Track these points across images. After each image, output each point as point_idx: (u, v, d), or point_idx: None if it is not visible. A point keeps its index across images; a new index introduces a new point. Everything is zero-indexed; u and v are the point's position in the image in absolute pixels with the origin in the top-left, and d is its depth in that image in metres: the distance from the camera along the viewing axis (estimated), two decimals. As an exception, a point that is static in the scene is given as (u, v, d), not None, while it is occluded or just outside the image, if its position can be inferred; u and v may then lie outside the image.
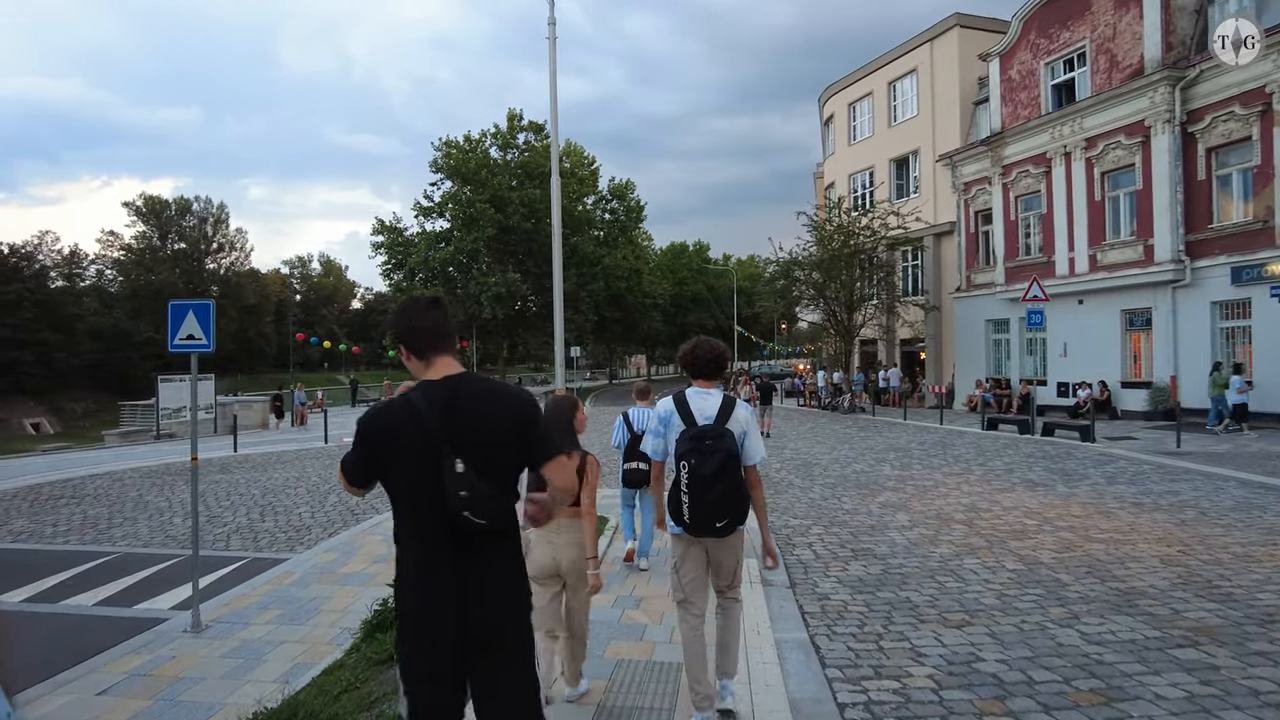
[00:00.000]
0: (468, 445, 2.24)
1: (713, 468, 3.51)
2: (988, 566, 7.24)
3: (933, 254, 29.96)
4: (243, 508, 12.00)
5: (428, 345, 2.41)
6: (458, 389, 2.33)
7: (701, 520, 3.57)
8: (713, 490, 3.51)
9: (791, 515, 10.06)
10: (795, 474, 13.73)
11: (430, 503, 2.24)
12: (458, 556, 2.28)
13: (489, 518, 2.23)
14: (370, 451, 2.36)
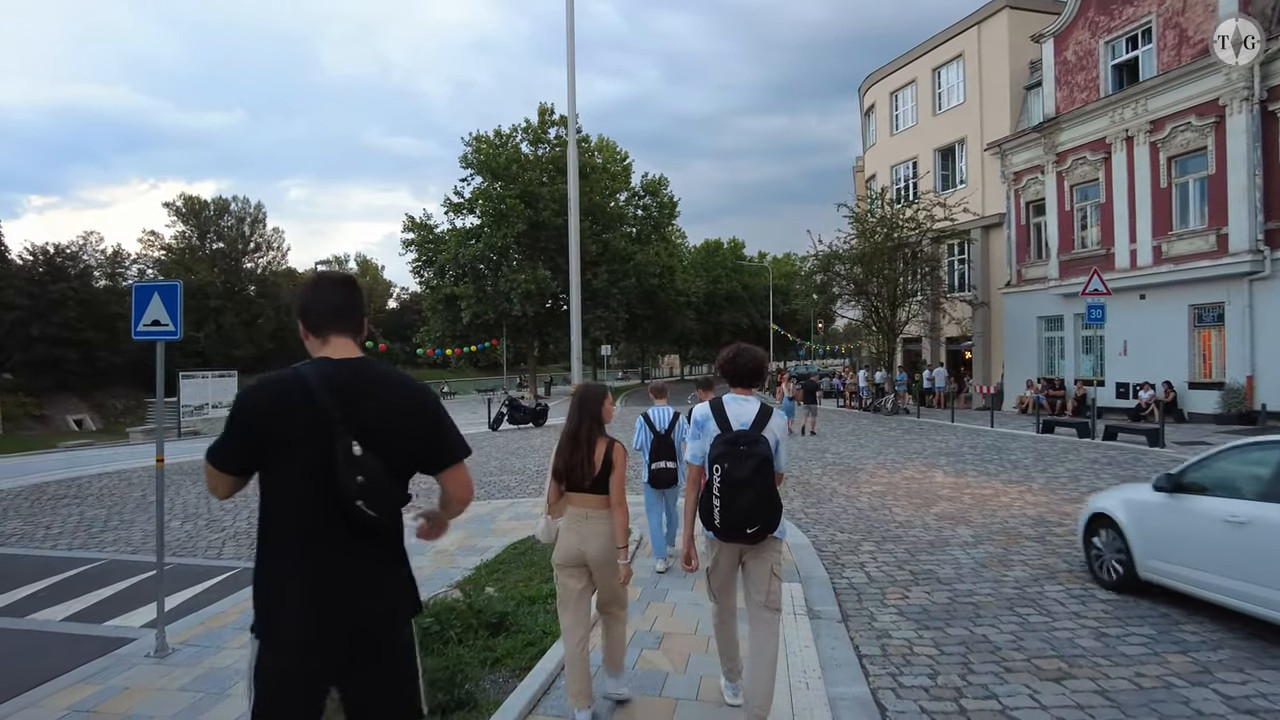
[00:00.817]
0: (367, 430, 2.07)
1: (747, 472, 3.48)
2: (1075, 596, 6.14)
3: (980, 247, 28.49)
4: (244, 511, 11.29)
5: (327, 322, 2.23)
6: (359, 371, 2.15)
7: (733, 525, 3.52)
8: (744, 495, 3.47)
9: (838, 528, 9.00)
10: (839, 480, 12.64)
11: (318, 491, 2.03)
12: (343, 554, 2.09)
13: (383, 511, 2.07)
14: (250, 432, 2.10)
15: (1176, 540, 5.65)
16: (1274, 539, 4.81)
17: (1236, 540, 5.06)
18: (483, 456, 16.89)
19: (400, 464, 2.15)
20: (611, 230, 44.88)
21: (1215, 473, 5.64)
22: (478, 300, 40.15)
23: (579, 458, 3.84)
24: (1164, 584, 5.76)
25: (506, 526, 9.42)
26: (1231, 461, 5.62)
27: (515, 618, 5.35)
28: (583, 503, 3.85)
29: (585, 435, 3.89)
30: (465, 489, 2.30)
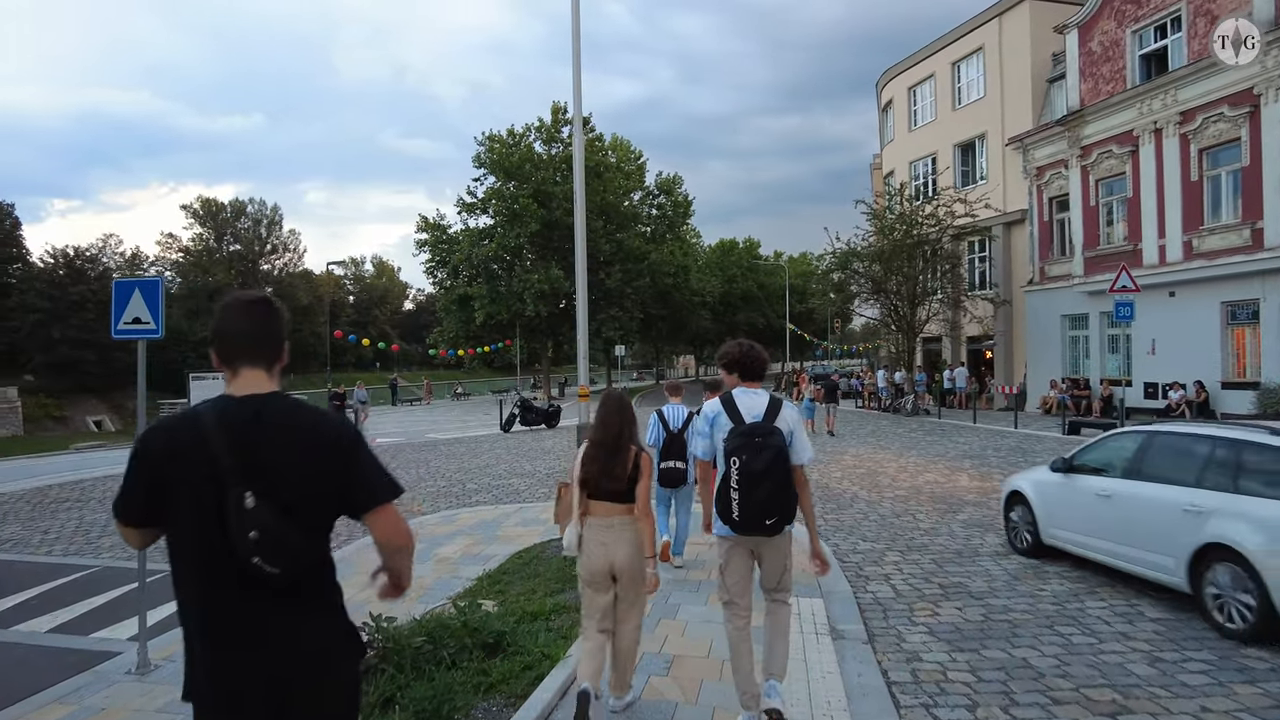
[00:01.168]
0: (265, 476, 1.88)
1: (763, 463, 3.47)
2: (1120, 614, 5.68)
3: (1002, 244, 27.85)
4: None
5: (238, 352, 2.02)
6: (261, 410, 1.95)
7: (751, 517, 3.51)
8: (762, 486, 3.47)
9: (860, 536, 8.56)
10: (860, 485, 12.18)
11: (214, 549, 1.87)
12: (251, 620, 1.91)
13: (286, 565, 1.87)
14: (143, 479, 1.94)
15: (1067, 511, 6.94)
16: (1130, 508, 6.14)
17: (1105, 510, 6.41)
18: (492, 459, 16.56)
19: (311, 512, 1.93)
20: (625, 230, 44.48)
21: (1094, 456, 6.93)
22: (491, 300, 39.89)
23: (613, 466, 3.75)
24: (1061, 548, 7.06)
25: (513, 533, 9.05)
26: (1106, 447, 6.91)
27: (514, 637, 4.97)
28: (608, 512, 3.76)
29: (623, 443, 3.82)
30: (396, 534, 2.02)
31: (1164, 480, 5.94)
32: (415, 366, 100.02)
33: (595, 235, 41.33)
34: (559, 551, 7.70)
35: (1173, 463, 6.00)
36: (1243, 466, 5.42)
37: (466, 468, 15.25)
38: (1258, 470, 5.30)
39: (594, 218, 41.08)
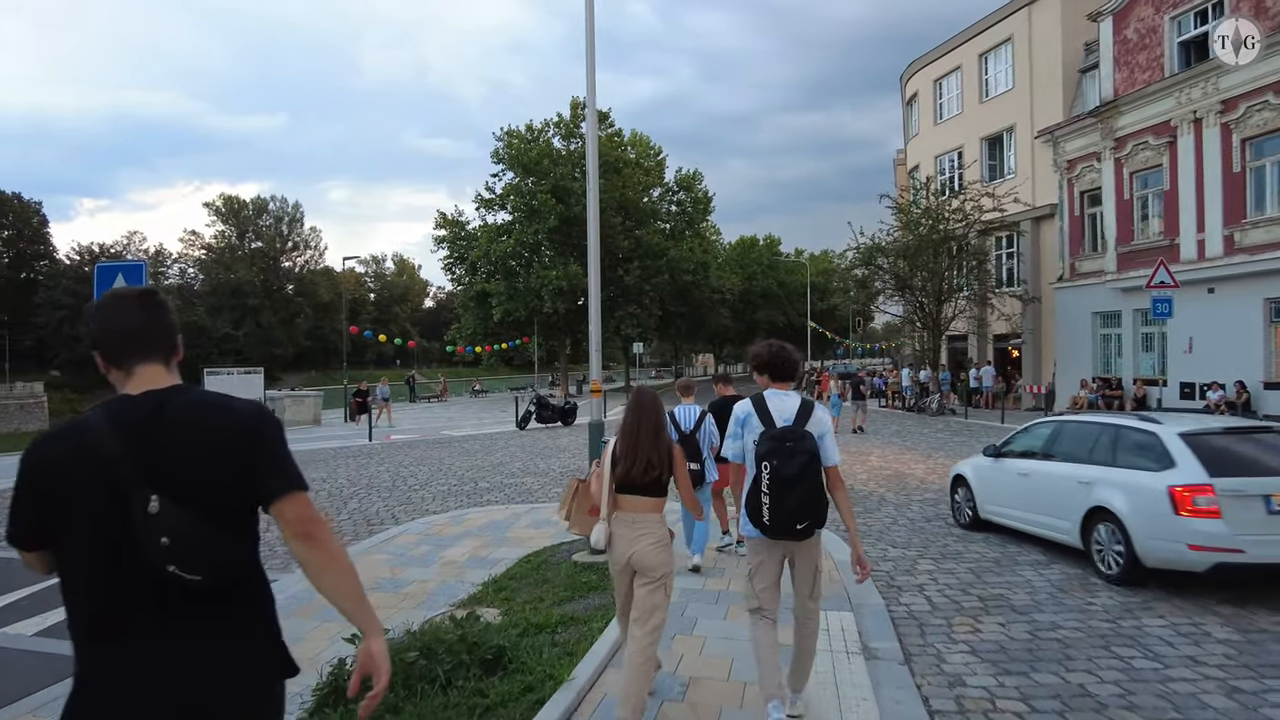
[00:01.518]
0: (170, 476, 1.70)
1: (795, 468, 3.46)
2: (1183, 633, 5.16)
3: (1030, 240, 27.10)
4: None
5: (126, 350, 1.83)
6: (162, 404, 1.77)
7: (782, 522, 3.51)
8: (794, 492, 3.46)
9: (889, 543, 8.07)
10: (887, 487, 11.67)
11: (118, 562, 1.67)
12: (166, 646, 1.70)
13: (207, 571, 1.69)
14: (31, 497, 1.75)
15: (997, 490, 8.20)
16: (1041, 483, 7.46)
17: (1024, 486, 7.72)
18: (506, 456, 16.20)
19: (225, 509, 1.76)
20: (644, 226, 44.01)
21: (1017, 443, 8.25)
22: (509, 297, 39.60)
23: (649, 458, 3.70)
24: (995, 521, 8.23)
25: (523, 535, 8.65)
26: (1027, 435, 8.28)
27: (515, 653, 4.55)
28: (635, 506, 3.73)
29: (659, 435, 3.80)
30: (310, 521, 1.82)
31: (1066, 459, 7.27)
32: (435, 364, 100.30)
33: (613, 232, 40.91)
34: (569, 555, 7.29)
35: (1073, 445, 7.33)
36: (1119, 446, 6.73)
37: (479, 465, 14.90)
38: (1128, 448, 6.61)
39: (612, 214, 40.65)
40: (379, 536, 9.01)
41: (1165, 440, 6.24)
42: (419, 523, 9.63)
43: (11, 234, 79.69)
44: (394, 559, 7.94)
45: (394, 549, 8.36)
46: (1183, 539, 5.74)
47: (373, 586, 7.01)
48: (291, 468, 1.85)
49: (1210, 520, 5.64)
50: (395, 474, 13.93)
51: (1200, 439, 6.18)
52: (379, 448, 18.34)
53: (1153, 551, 6.00)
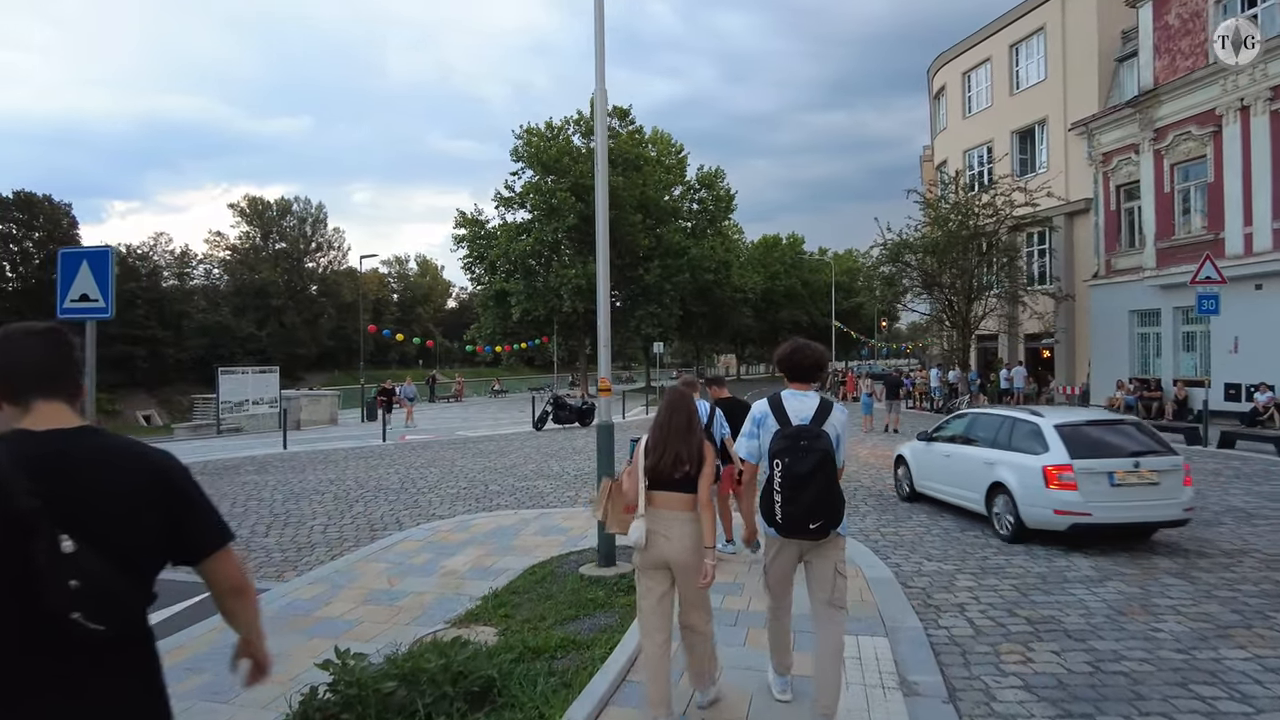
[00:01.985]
0: (85, 517, 1.63)
1: (808, 467, 3.43)
2: (1270, 668, 4.52)
3: (1064, 236, 26.20)
4: (254, 517, 10.30)
5: (28, 385, 1.78)
6: (69, 446, 1.72)
7: (795, 520, 3.46)
8: (807, 490, 3.43)
9: (924, 555, 7.46)
10: (916, 492, 11.02)
11: (17, 607, 1.54)
12: (60, 688, 1.61)
13: (113, 621, 1.61)
14: None
15: (929, 468, 9.82)
16: (959, 462, 9.04)
17: (946, 464, 9.35)
18: (520, 458, 15.72)
19: (137, 559, 1.71)
20: (665, 224, 43.46)
21: (944, 430, 9.81)
22: (528, 296, 39.23)
23: (684, 453, 3.63)
24: (927, 493, 9.88)
25: (531, 543, 8.15)
26: (950, 424, 9.87)
27: (506, 684, 4.04)
28: (668, 503, 3.65)
29: (694, 430, 3.71)
30: (238, 577, 1.87)
31: (977, 443, 8.80)
32: (458, 364, 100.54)
33: (634, 230, 40.41)
34: (576, 567, 6.78)
35: (983, 432, 8.83)
36: (1014, 434, 8.23)
37: (492, 467, 14.44)
38: (1020, 436, 8.12)
39: (631, 212, 40.15)
40: (381, 543, 8.56)
41: (1044, 430, 7.80)
42: (423, 528, 9.17)
43: (42, 235, 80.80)
44: (393, 567, 7.47)
45: (394, 556, 7.90)
46: (1051, 506, 7.36)
47: (367, 599, 6.55)
48: (218, 519, 1.86)
49: (1069, 491, 7.27)
50: (405, 476, 13.51)
51: (1069, 429, 7.75)
52: (392, 449, 17.96)
53: (1032, 516, 7.59)
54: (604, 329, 6.22)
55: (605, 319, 6.22)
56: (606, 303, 6.21)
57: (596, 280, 6.29)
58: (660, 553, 3.62)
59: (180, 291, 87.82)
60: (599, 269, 6.44)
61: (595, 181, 6.49)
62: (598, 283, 6.44)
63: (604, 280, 6.23)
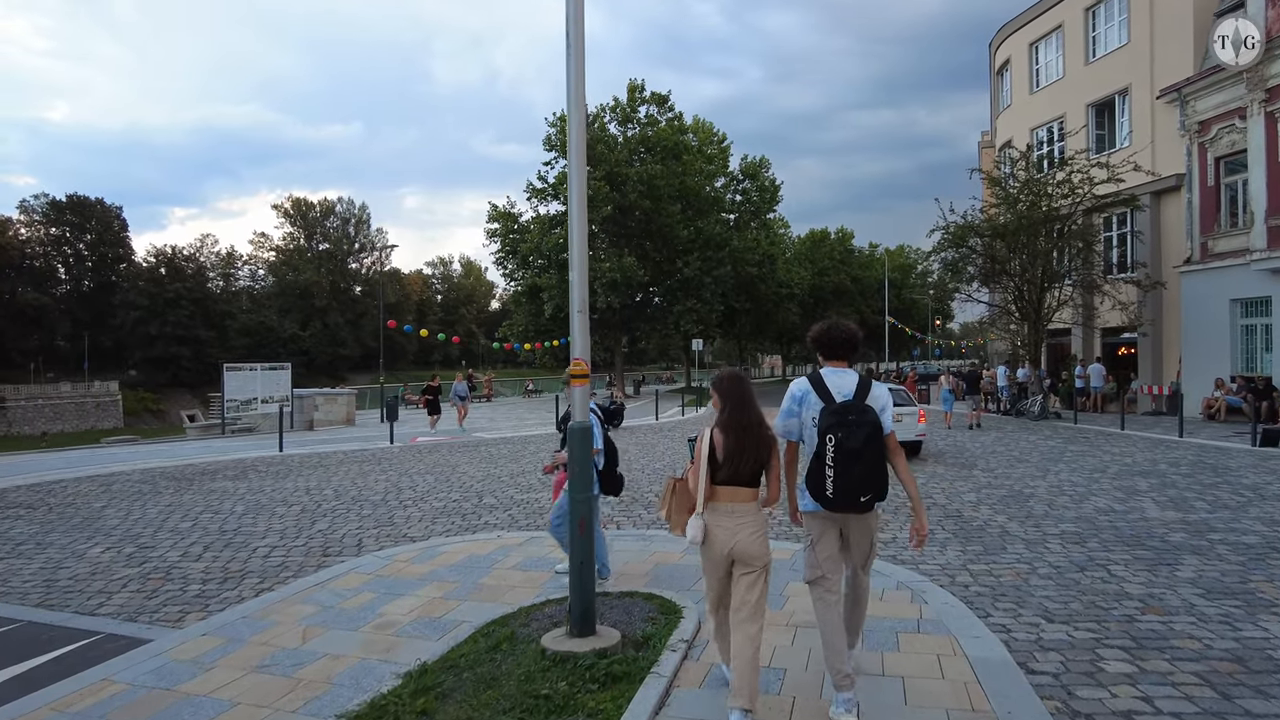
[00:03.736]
0: None
1: (860, 440, 3.48)
2: None
3: (1149, 217, 23.42)
4: (197, 534, 8.62)
5: None
6: None
7: (847, 493, 3.51)
8: (859, 463, 3.48)
9: (1038, 611, 5.34)
10: (1007, 513, 8.83)
11: None
12: None
13: None
14: None
15: None
16: None
17: None
18: (532, 463, 13.87)
19: None
20: (706, 216, 41.33)
21: None
22: (561, 292, 37.51)
23: (756, 445, 3.61)
24: None
25: (504, 581, 6.28)
26: None
27: None
28: (734, 497, 3.61)
29: (761, 420, 3.68)
30: None
31: None
32: (500, 364, 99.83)
33: (672, 221, 38.44)
34: (544, 628, 4.84)
35: None
36: None
37: (496, 475, 12.61)
38: None
39: (670, 202, 38.22)
40: (320, 575, 6.76)
41: None
42: (381, 555, 7.35)
43: (93, 238, 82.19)
44: (317, 614, 5.67)
45: (327, 596, 6.09)
46: None
47: (262, 664, 4.76)
48: None
49: None
50: (393, 484, 11.76)
51: None
52: (396, 451, 16.28)
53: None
54: (580, 287, 4.27)
55: (581, 273, 4.26)
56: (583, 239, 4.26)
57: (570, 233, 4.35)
58: (724, 546, 3.58)
59: (226, 293, 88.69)
60: (571, 221, 4.49)
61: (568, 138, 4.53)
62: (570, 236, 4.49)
63: (578, 211, 4.28)
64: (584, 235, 4.33)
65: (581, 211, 4.33)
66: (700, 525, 3.59)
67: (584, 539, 4.25)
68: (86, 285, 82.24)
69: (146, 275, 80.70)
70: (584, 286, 4.31)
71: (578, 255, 4.30)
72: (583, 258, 4.30)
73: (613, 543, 7.35)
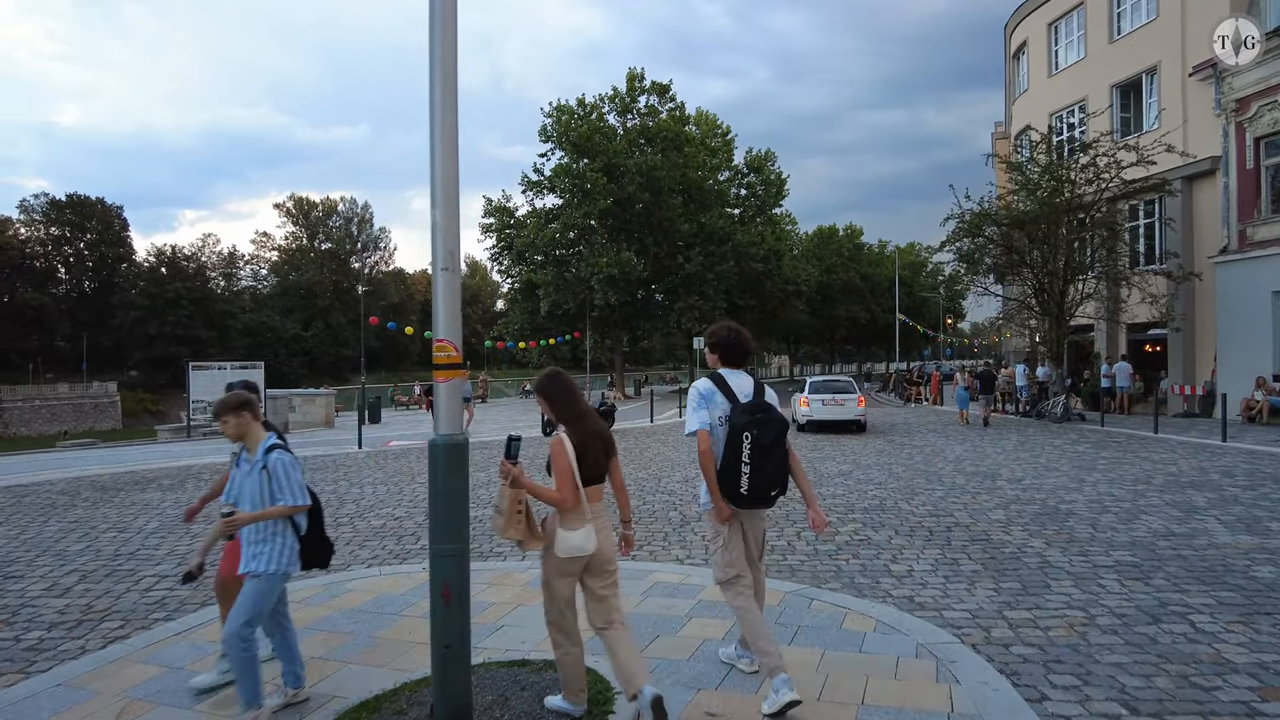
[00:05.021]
0: None
1: (772, 436, 3.63)
2: None
3: (1182, 203, 21.83)
4: (81, 559, 7.30)
5: None
6: None
7: (760, 489, 3.63)
8: (772, 460, 3.62)
9: (1094, 680, 3.90)
10: (1043, 535, 7.38)
11: None
12: None
13: None
14: None
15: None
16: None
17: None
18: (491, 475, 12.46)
19: None
20: (708, 210, 39.81)
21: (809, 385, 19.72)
22: (556, 288, 36.11)
23: (608, 443, 3.63)
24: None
25: (408, 635, 4.94)
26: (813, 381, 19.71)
27: None
28: (597, 496, 3.56)
29: (590, 410, 3.67)
30: None
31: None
32: (504, 364, 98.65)
33: (673, 215, 37.00)
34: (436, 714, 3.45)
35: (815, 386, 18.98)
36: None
37: (459, 485, 11.21)
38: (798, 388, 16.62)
39: (670, 195, 36.77)
40: (190, 619, 5.45)
41: (805, 383, 19.88)
42: (283, 586, 5.95)
43: (94, 237, 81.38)
44: (158, 678, 4.44)
45: (183, 651, 4.77)
46: (804, 415, 18.27)
47: None
48: None
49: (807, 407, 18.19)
50: (339, 496, 10.41)
51: (811, 383, 19.62)
52: (361, 458, 14.93)
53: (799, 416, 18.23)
54: (445, 228, 2.86)
55: (445, 182, 2.84)
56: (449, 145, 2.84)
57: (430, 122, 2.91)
58: (591, 552, 3.46)
59: (228, 292, 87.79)
60: (434, 86, 3.07)
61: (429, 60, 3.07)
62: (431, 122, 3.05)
63: (441, 97, 2.85)
64: (451, 139, 2.91)
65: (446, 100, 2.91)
66: (592, 533, 3.42)
67: (450, 611, 2.87)
68: (87, 285, 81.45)
69: (147, 275, 79.86)
70: (452, 231, 2.90)
71: (440, 174, 2.89)
72: (447, 176, 2.90)
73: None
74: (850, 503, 9.24)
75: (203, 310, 78.71)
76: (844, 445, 15.72)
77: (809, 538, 7.44)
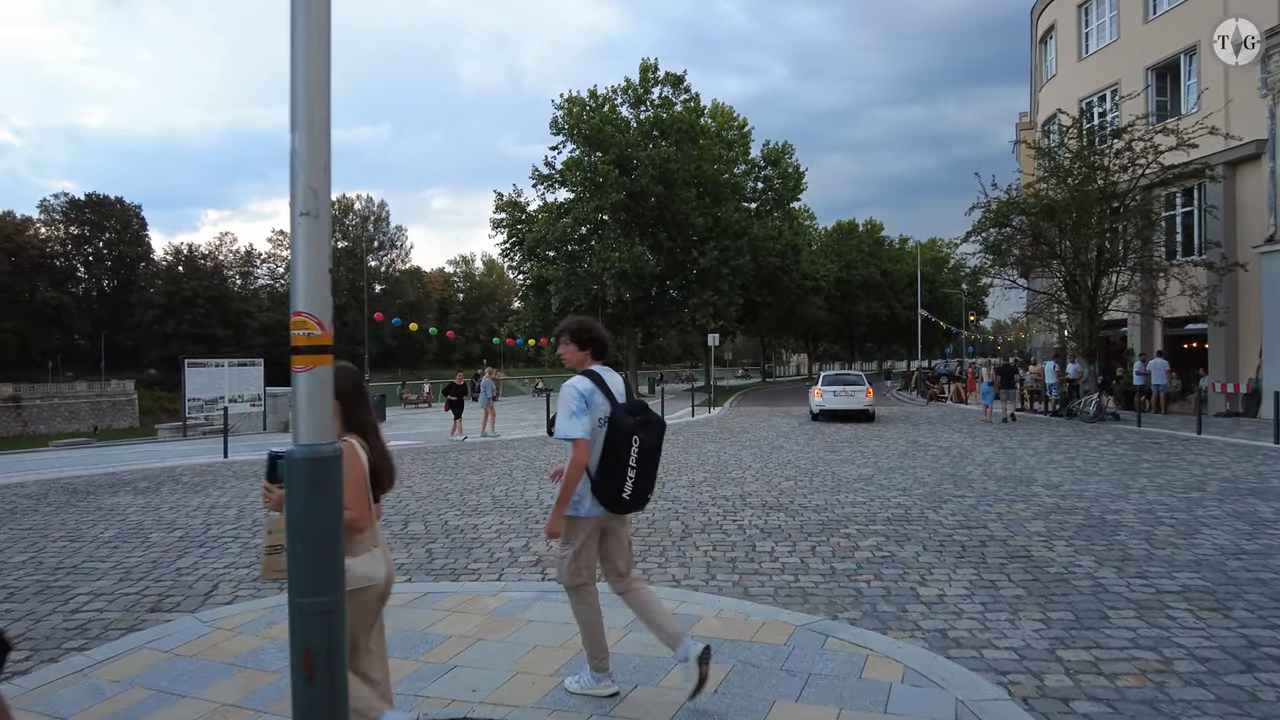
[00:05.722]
0: None
1: (655, 438, 3.54)
2: None
3: (1224, 190, 20.65)
4: (18, 573, 6.60)
5: None
6: None
7: (641, 494, 3.51)
8: (654, 462, 3.54)
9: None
10: (1093, 554, 6.46)
11: None
12: None
13: None
14: None
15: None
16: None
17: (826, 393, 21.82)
18: (493, 476, 11.70)
19: None
20: (724, 204, 38.84)
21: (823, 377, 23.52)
22: (567, 284, 35.31)
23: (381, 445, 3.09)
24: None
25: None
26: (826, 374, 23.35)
27: None
28: (379, 516, 3.12)
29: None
30: None
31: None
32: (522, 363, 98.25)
33: (687, 208, 36.10)
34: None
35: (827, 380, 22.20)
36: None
37: (444, 491, 10.45)
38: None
39: (684, 188, 35.87)
40: (104, 649, 4.69)
41: (819, 378, 24.55)
42: (209, 617, 5.21)
43: (113, 236, 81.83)
44: None
45: (77, 694, 4.03)
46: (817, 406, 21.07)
47: None
48: None
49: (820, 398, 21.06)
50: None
51: (825, 376, 24.30)
52: (356, 458, 14.21)
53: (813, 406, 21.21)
54: (311, 156, 2.05)
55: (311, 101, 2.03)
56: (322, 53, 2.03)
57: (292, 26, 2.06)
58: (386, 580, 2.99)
59: (245, 291, 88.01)
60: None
61: None
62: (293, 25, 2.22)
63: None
64: (322, 30, 2.11)
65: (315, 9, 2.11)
66: (382, 556, 2.98)
67: (316, 690, 2.08)
68: (106, 284, 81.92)
69: (165, 274, 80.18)
70: (318, 164, 2.10)
71: (304, 82, 2.09)
72: (313, 85, 2.09)
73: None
74: (872, 512, 8.35)
75: (219, 309, 78.90)
76: (864, 447, 14.80)
77: (824, 554, 6.59)
